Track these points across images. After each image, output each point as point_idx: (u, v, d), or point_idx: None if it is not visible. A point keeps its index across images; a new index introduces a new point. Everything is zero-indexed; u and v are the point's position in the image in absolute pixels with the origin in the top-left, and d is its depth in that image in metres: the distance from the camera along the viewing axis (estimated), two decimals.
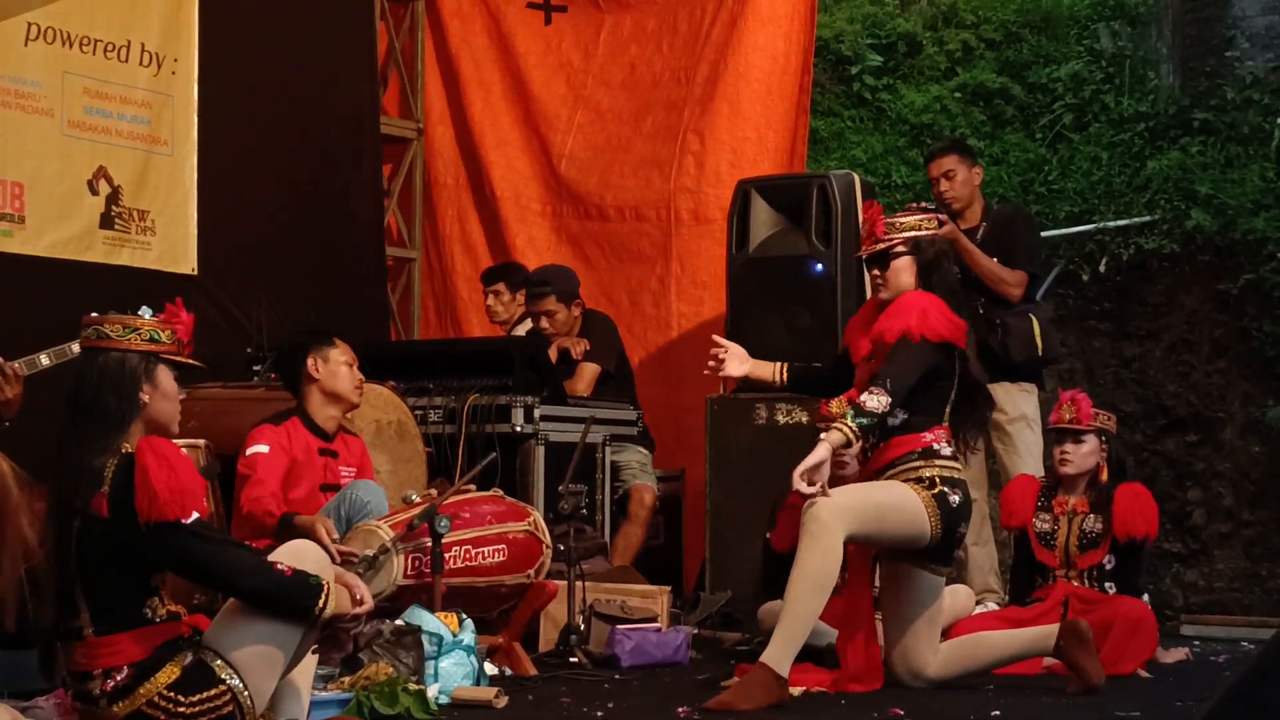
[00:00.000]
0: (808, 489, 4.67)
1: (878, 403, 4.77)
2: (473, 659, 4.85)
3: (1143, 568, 5.98)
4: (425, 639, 4.73)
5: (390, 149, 8.48)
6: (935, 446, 4.96)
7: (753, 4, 7.83)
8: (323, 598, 3.65)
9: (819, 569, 4.69)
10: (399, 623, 4.76)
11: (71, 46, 6.57)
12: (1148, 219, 8.45)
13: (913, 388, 4.87)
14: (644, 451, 7.17)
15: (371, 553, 5.02)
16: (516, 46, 8.54)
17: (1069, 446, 5.80)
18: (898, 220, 5.13)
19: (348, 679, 4.47)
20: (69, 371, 4.02)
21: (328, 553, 4.43)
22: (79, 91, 6.59)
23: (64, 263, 6.48)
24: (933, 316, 4.92)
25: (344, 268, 7.86)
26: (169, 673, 3.62)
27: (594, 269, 8.14)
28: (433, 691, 4.57)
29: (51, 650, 3.75)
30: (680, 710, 4.51)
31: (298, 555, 3.77)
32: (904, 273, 5.08)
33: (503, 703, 4.58)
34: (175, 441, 3.75)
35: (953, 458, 5.01)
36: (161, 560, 3.67)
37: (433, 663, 4.73)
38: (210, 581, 3.83)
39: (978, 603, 6.10)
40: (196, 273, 7.02)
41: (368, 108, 8.15)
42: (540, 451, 6.44)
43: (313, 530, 5.04)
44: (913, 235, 5.09)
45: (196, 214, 7.03)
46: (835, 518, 4.70)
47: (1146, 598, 5.95)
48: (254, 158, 7.37)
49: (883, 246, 5.10)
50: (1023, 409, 6.60)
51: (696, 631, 6.19)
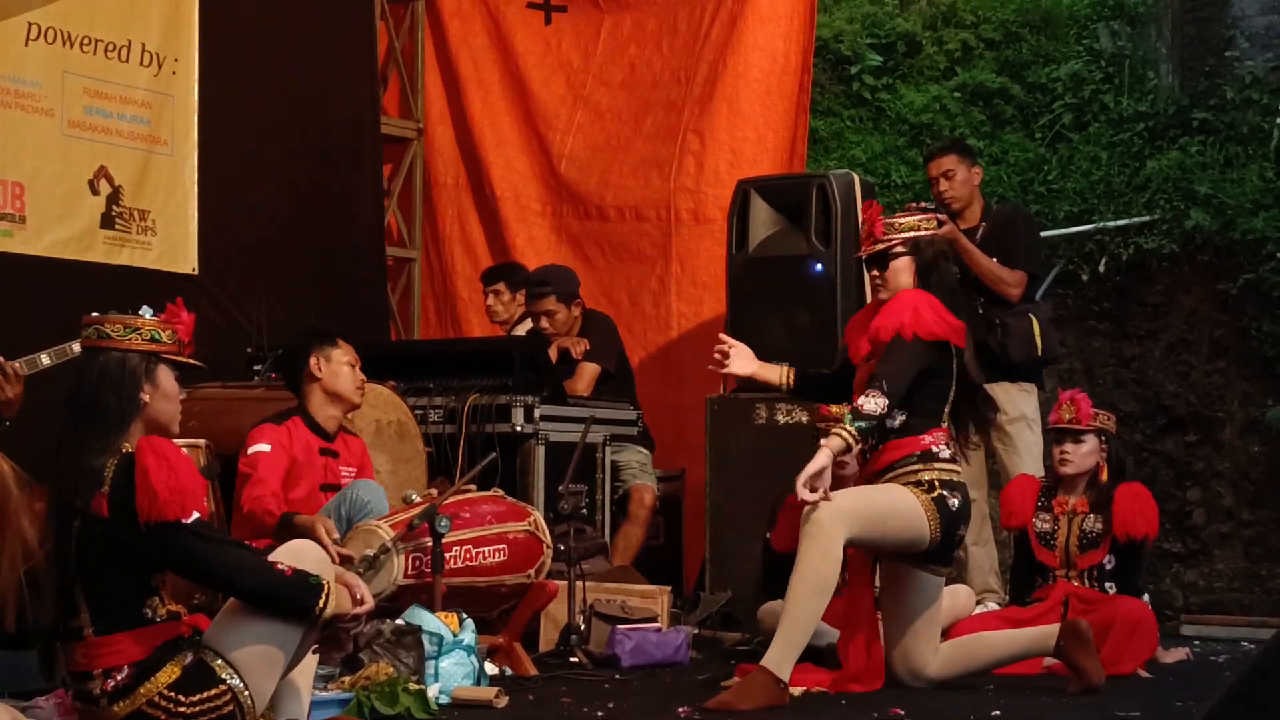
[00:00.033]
0: (810, 496, 4.66)
1: (875, 405, 4.77)
2: (473, 659, 4.85)
3: (1143, 568, 5.98)
4: (425, 639, 4.73)
5: (390, 149, 8.48)
6: (934, 449, 4.96)
7: (752, 4, 7.82)
8: (323, 597, 3.65)
9: (819, 572, 4.69)
10: (399, 622, 4.76)
11: (72, 46, 6.57)
12: (1147, 219, 8.45)
13: (909, 387, 4.87)
14: (644, 451, 7.17)
15: (372, 553, 5.02)
16: (516, 46, 8.54)
17: (1069, 446, 5.79)
18: (897, 221, 5.12)
19: (348, 679, 4.47)
20: (69, 371, 4.02)
21: (327, 553, 4.43)
22: (79, 91, 6.59)
23: (64, 262, 6.48)
24: (925, 314, 4.92)
25: (344, 268, 7.87)
26: (169, 672, 3.62)
27: (594, 269, 8.14)
28: (433, 691, 4.57)
29: (51, 650, 3.75)
30: (680, 710, 4.51)
31: (298, 555, 3.77)
32: (903, 273, 5.08)
33: (503, 703, 4.58)
34: (175, 441, 3.75)
35: (952, 460, 5.00)
36: (161, 560, 3.67)
37: (433, 662, 4.73)
38: (210, 581, 3.83)
39: (978, 603, 6.09)
40: (197, 273, 7.03)
41: (368, 108, 8.15)
42: (540, 451, 6.43)
43: (312, 530, 5.05)
44: (912, 236, 5.08)
45: (197, 214, 7.03)
46: (835, 521, 4.70)
47: (1146, 598, 5.95)
48: (254, 158, 7.37)
49: (881, 247, 5.10)
50: (1022, 409, 6.60)
51: (696, 631, 6.18)
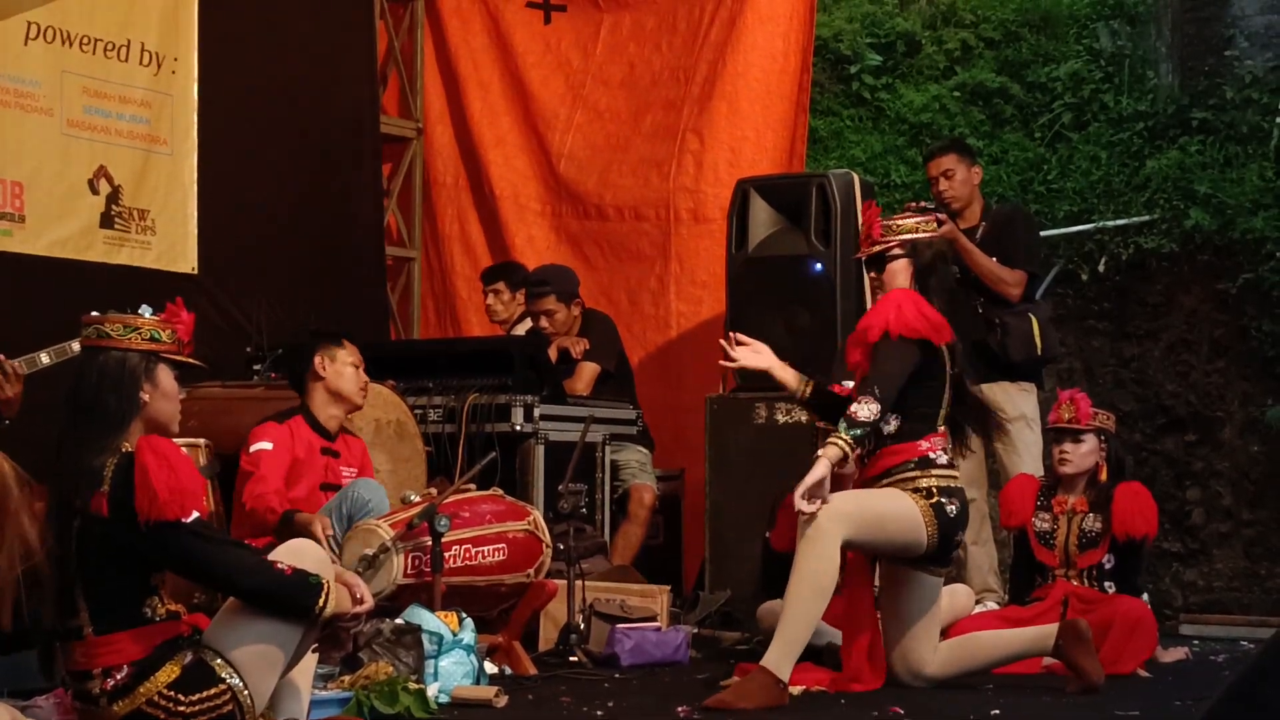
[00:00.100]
0: (809, 508, 4.66)
1: (868, 411, 4.76)
2: (472, 658, 4.85)
3: (1142, 567, 5.98)
4: (425, 638, 4.73)
5: (390, 148, 8.48)
6: (931, 455, 4.95)
7: (752, 3, 7.82)
8: (323, 597, 3.65)
9: (817, 573, 4.69)
10: (399, 622, 4.76)
11: (71, 46, 6.57)
12: (1147, 218, 8.45)
13: (901, 389, 4.86)
14: (643, 451, 7.17)
15: (371, 552, 5.02)
16: (515, 46, 8.53)
17: (1068, 446, 5.79)
18: (895, 223, 5.11)
19: (348, 678, 4.47)
20: (69, 370, 4.02)
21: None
22: (78, 91, 6.59)
23: (64, 262, 6.48)
24: (907, 312, 4.90)
25: (344, 268, 7.87)
26: (169, 672, 3.62)
27: (593, 268, 8.14)
28: (433, 690, 4.57)
29: (51, 650, 3.75)
30: (680, 709, 4.51)
31: (297, 554, 3.77)
32: (900, 276, 5.07)
33: (502, 702, 4.58)
34: (175, 441, 3.75)
35: (949, 465, 5.00)
36: (161, 560, 3.67)
37: (433, 662, 4.73)
38: (210, 581, 3.83)
39: (977, 602, 6.09)
40: (196, 272, 7.03)
41: (367, 107, 8.15)
42: (540, 451, 6.44)
43: (309, 528, 5.05)
44: (909, 238, 5.07)
45: (196, 213, 7.04)
46: (833, 523, 4.69)
47: (1146, 597, 5.95)
48: (253, 157, 7.37)
49: (878, 249, 5.09)
50: (1022, 408, 6.60)
51: (696, 631, 6.18)
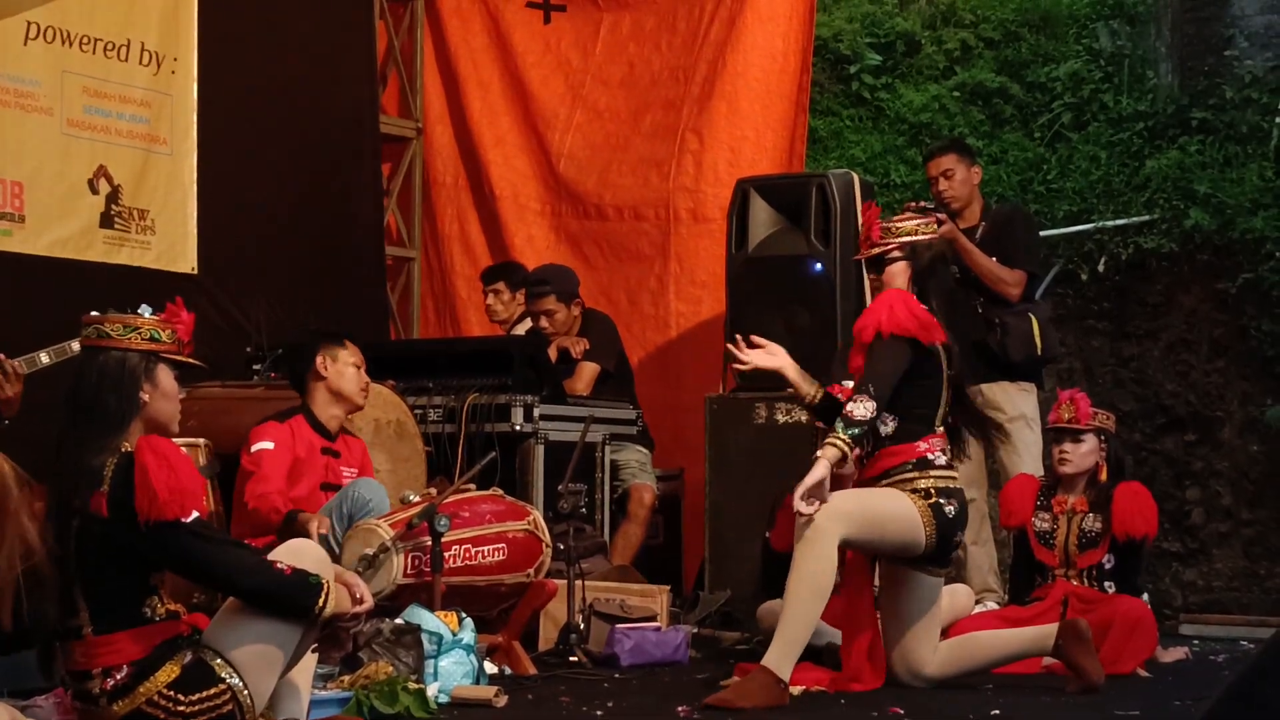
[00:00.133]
0: (807, 509, 4.66)
1: (864, 410, 4.76)
2: (472, 658, 4.85)
3: (1142, 567, 5.98)
4: (425, 638, 4.73)
5: (389, 148, 8.48)
6: (929, 457, 4.95)
7: (751, 3, 7.82)
8: (322, 597, 3.65)
9: (815, 573, 4.69)
10: (399, 621, 4.76)
11: (71, 45, 6.57)
12: (1146, 218, 8.45)
13: (897, 390, 4.86)
14: (643, 450, 7.17)
15: (371, 552, 5.02)
16: (515, 45, 8.53)
17: (1068, 446, 5.79)
18: (894, 225, 5.11)
19: (347, 678, 4.47)
20: (69, 370, 4.01)
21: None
22: (78, 90, 6.59)
23: (64, 262, 6.48)
24: (898, 312, 4.90)
25: (344, 268, 7.86)
26: (168, 671, 3.62)
27: (593, 268, 8.14)
28: (432, 690, 4.57)
29: (51, 649, 3.75)
30: (680, 709, 4.51)
31: (297, 554, 3.77)
32: (898, 278, 5.07)
33: (502, 702, 4.58)
34: (175, 441, 3.75)
35: (948, 466, 5.00)
36: (161, 560, 3.67)
37: (432, 661, 4.73)
38: (210, 581, 3.83)
39: (977, 602, 6.09)
40: (196, 272, 7.02)
41: (367, 107, 8.15)
42: (540, 451, 6.43)
43: (308, 528, 5.05)
44: (908, 240, 5.07)
45: (196, 213, 7.03)
46: (831, 522, 4.70)
47: (1146, 597, 5.95)
48: (253, 157, 7.36)
49: (877, 252, 5.09)
50: (1022, 408, 6.60)
51: (696, 631, 6.19)
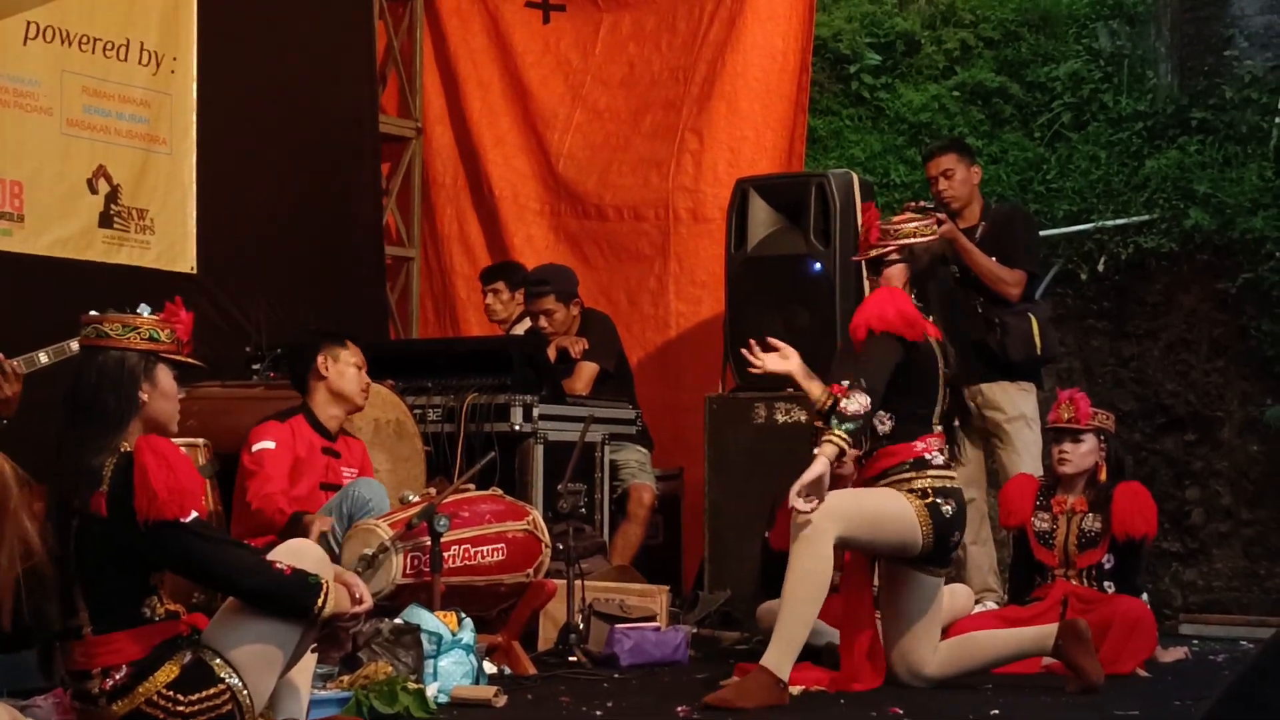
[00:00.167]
0: (804, 506, 4.66)
1: (858, 404, 4.75)
2: (472, 658, 4.85)
3: (1141, 567, 5.98)
4: (424, 638, 4.73)
5: (389, 148, 8.48)
6: (927, 456, 4.96)
7: (751, 3, 7.82)
8: (322, 597, 3.65)
9: (811, 572, 4.69)
10: (398, 621, 4.76)
11: (70, 45, 6.57)
12: (1146, 218, 8.44)
13: (891, 389, 4.86)
14: (643, 450, 7.17)
15: (370, 552, 5.02)
16: (515, 45, 8.53)
17: (1067, 446, 5.79)
18: (893, 226, 5.11)
19: (347, 678, 4.47)
20: (68, 370, 4.01)
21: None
22: (78, 90, 6.59)
23: (63, 261, 6.48)
24: (887, 309, 4.91)
25: (343, 267, 7.86)
26: (168, 671, 3.62)
27: (592, 268, 8.13)
28: (432, 690, 4.57)
29: (50, 649, 3.75)
30: (679, 709, 4.51)
31: (297, 554, 3.77)
32: (896, 280, 5.07)
33: (502, 702, 4.58)
34: (174, 441, 3.75)
35: (945, 466, 5.00)
36: (161, 559, 3.67)
37: (432, 661, 4.73)
38: (209, 581, 3.83)
39: (977, 602, 6.10)
40: (196, 272, 7.02)
41: (367, 107, 8.15)
42: (539, 450, 6.43)
43: (309, 529, 5.05)
44: (907, 243, 5.08)
45: (195, 213, 7.03)
46: (827, 521, 4.70)
47: (1145, 597, 5.95)
48: (253, 157, 7.36)
49: (876, 253, 5.10)
50: (1021, 408, 6.60)
51: (695, 630, 6.19)
